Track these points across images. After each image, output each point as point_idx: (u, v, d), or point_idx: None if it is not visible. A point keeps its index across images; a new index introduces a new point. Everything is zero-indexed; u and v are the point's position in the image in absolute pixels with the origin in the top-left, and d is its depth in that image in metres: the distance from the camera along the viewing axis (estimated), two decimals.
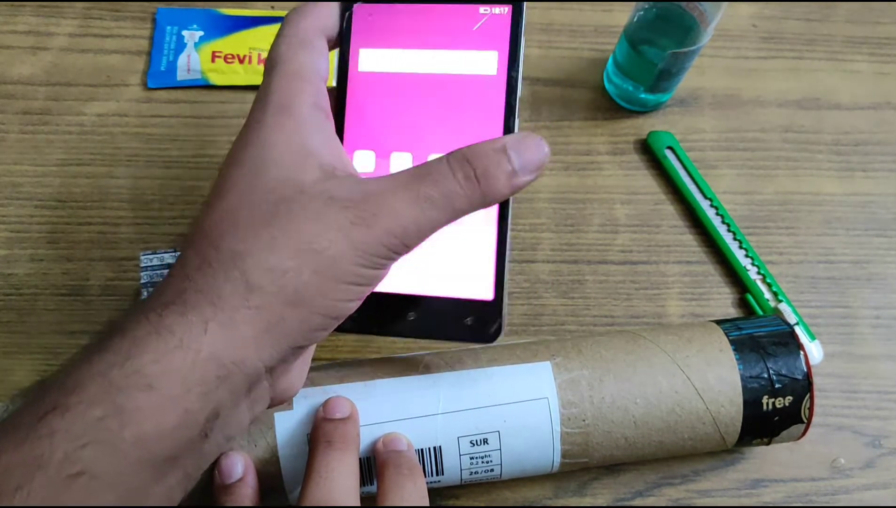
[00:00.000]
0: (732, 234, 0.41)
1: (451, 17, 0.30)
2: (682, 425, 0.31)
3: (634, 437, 0.31)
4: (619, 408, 0.31)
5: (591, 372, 0.31)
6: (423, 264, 0.30)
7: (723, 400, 0.31)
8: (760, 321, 0.34)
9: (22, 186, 0.40)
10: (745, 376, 0.32)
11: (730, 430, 0.32)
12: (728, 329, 0.33)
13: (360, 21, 0.30)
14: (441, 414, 0.30)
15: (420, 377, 0.31)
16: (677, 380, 0.31)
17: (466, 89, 0.30)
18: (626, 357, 0.32)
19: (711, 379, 0.31)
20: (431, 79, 0.30)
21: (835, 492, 0.37)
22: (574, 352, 0.32)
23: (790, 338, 0.33)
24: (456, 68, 0.30)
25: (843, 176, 0.43)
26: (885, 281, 0.41)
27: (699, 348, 0.32)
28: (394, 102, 0.30)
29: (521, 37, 0.29)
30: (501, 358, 0.32)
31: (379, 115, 0.30)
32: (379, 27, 0.30)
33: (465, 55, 0.30)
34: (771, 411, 0.32)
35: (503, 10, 0.30)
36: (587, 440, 0.31)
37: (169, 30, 0.43)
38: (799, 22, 0.47)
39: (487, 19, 0.30)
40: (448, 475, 0.31)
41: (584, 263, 0.40)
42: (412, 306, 0.30)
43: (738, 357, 0.32)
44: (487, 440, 0.31)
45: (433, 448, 0.30)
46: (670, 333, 0.33)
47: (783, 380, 0.32)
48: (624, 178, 0.42)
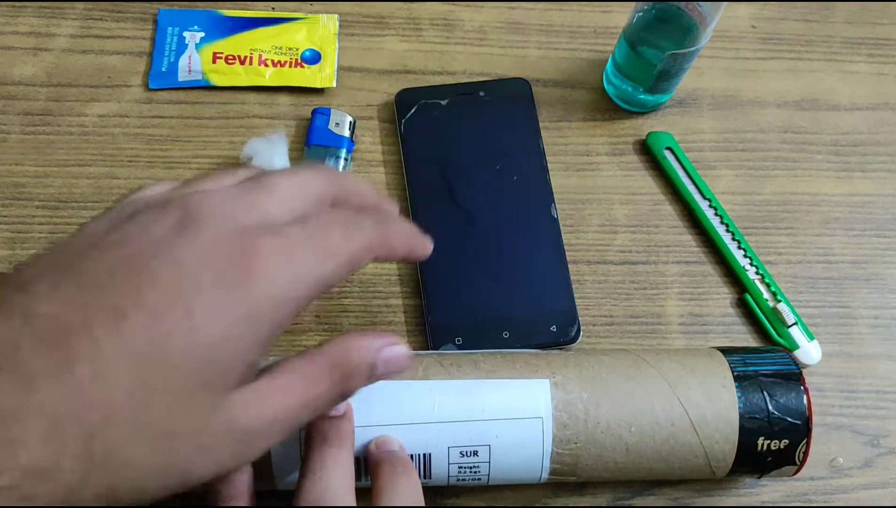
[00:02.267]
0: (731, 234, 0.41)
1: None
2: (673, 456, 0.31)
3: (625, 463, 0.31)
4: (613, 435, 0.31)
5: (589, 395, 0.31)
6: (508, 289, 0.38)
7: (718, 437, 0.31)
8: (769, 356, 0.33)
9: (23, 187, 0.40)
10: (744, 415, 0.31)
11: (721, 465, 0.32)
12: (734, 363, 0.32)
13: None
14: (435, 423, 0.30)
15: (417, 383, 0.31)
16: (675, 413, 0.31)
17: None
18: (626, 384, 0.31)
19: (709, 415, 0.31)
20: None
21: (833, 491, 0.37)
22: (574, 371, 0.32)
23: (796, 379, 0.32)
24: None
25: (842, 176, 0.43)
26: (884, 281, 0.41)
27: (701, 380, 0.32)
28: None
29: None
30: (501, 370, 0.32)
31: None
32: None
33: None
34: (765, 451, 0.31)
35: None
36: (577, 461, 0.31)
37: (170, 31, 0.44)
38: (798, 23, 0.47)
39: None
40: (434, 480, 0.31)
41: (583, 263, 0.40)
42: (505, 326, 0.37)
43: (739, 395, 0.31)
44: (477, 452, 0.31)
45: (423, 454, 0.30)
46: (674, 360, 0.33)
47: (782, 423, 0.31)
48: (623, 178, 0.43)
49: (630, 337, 0.39)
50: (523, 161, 0.41)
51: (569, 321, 0.38)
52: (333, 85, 0.43)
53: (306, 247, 0.23)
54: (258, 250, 0.22)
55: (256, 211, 0.24)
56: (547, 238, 0.40)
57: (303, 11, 0.45)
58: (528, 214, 0.40)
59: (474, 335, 0.37)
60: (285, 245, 0.23)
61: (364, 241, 0.25)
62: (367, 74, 0.44)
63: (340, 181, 0.27)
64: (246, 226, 0.23)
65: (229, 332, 0.22)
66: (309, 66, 0.43)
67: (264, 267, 0.22)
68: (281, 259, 0.23)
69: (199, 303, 0.21)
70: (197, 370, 0.21)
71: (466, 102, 0.42)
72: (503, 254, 0.39)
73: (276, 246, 0.23)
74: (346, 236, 0.24)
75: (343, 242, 0.24)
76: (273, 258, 0.22)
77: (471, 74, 0.44)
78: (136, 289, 0.21)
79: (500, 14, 0.46)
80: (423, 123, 0.42)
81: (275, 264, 0.22)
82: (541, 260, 0.39)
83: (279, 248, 0.23)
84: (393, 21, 0.45)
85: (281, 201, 0.24)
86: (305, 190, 0.25)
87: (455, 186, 0.40)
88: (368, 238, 0.25)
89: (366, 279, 0.39)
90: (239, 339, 0.22)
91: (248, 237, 0.23)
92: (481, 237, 0.39)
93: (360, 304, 0.39)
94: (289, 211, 0.24)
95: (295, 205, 0.25)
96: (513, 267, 0.39)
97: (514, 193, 0.40)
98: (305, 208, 0.25)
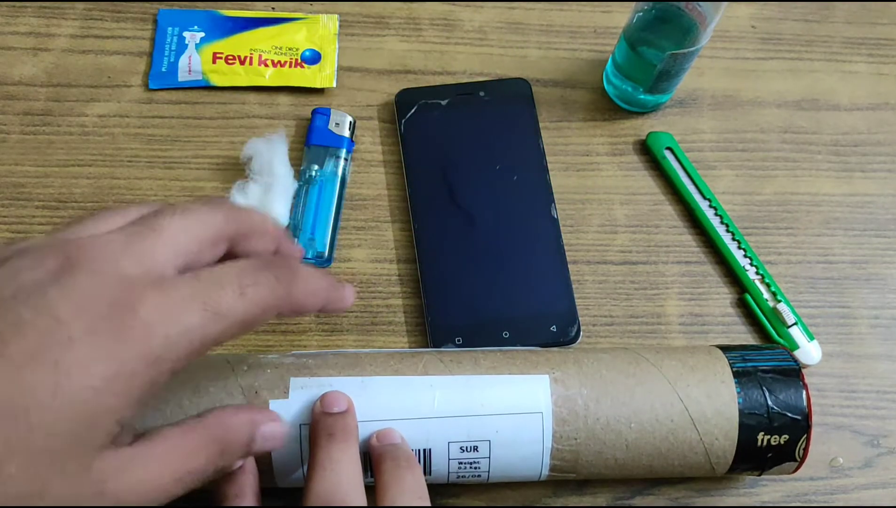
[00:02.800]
0: (731, 234, 0.41)
1: None
2: (673, 452, 0.31)
3: (624, 459, 0.31)
4: (613, 431, 0.31)
5: (589, 391, 0.31)
6: (508, 289, 0.38)
7: (717, 433, 0.31)
8: (768, 353, 0.33)
9: (23, 187, 0.40)
10: (743, 411, 0.31)
11: (721, 461, 0.32)
12: (733, 360, 0.33)
13: None
14: (435, 418, 0.30)
15: (417, 378, 0.31)
16: (675, 409, 0.31)
17: None
18: (626, 381, 0.31)
19: (709, 412, 0.31)
20: None
21: (833, 491, 0.37)
22: (574, 368, 0.32)
23: (795, 375, 0.32)
24: None
25: (842, 176, 0.43)
26: (884, 281, 0.41)
27: (701, 377, 0.32)
28: None
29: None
30: (501, 366, 0.32)
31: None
32: None
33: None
34: (765, 447, 0.31)
35: None
36: (577, 457, 0.31)
37: (170, 31, 0.44)
38: (797, 23, 0.47)
39: None
40: (434, 476, 0.31)
41: (583, 263, 0.40)
42: (505, 326, 0.37)
43: (739, 391, 0.31)
44: (478, 447, 0.31)
45: (423, 449, 0.30)
46: (674, 358, 0.33)
47: (782, 419, 0.31)
48: (623, 178, 0.43)
49: (630, 337, 0.39)
50: (523, 161, 0.41)
51: (569, 321, 0.38)
52: (333, 85, 0.43)
53: (193, 304, 0.22)
54: (137, 303, 0.21)
55: (142, 259, 0.22)
56: (547, 238, 0.40)
57: (303, 11, 0.45)
58: (528, 214, 0.40)
59: (474, 335, 0.37)
60: (169, 301, 0.22)
61: (261, 300, 0.23)
62: (366, 74, 0.44)
63: (240, 218, 0.25)
64: (129, 276, 0.22)
65: (98, 388, 0.20)
66: (309, 66, 0.43)
67: (141, 323, 0.21)
68: (162, 316, 0.21)
69: (68, 356, 0.20)
70: (62, 428, 0.20)
71: (466, 102, 0.42)
72: (503, 254, 0.39)
73: (158, 301, 0.21)
74: (241, 293, 0.23)
75: (236, 301, 0.23)
76: (153, 314, 0.21)
77: (471, 74, 0.44)
78: (0, 337, 0.20)
79: (500, 14, 0.46)
80: (423, 123, 0.42)
81: (154, 321, 0.21)
82: (541, 260, 0.39)
83: (161, 303, 0.21)
84: (393, 21, 0.45)
85: (171, 244, 0.23)
86: (199, 230, 0.24)
87: (455, 186, 0.40)
88: (266, 298, 0.24)
89: (366, 279, 0.39)
90: (109, 396, 0.21)
91: (129, 289, 0.21)
92: (481, 237, 0.39)
93: (361, 304, 0.39)
94: (181, 254, 0.23)
95: (188, 247, 0.23)
96: (513, 267, 0.39)
97: (514, 193, 0.40)
98: (199, 249, 0.24)
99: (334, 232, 0.39)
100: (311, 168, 0.40)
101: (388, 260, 0.40)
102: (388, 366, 0.31)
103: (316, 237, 0.39)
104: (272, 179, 0.38)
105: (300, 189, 0.40)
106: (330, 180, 0.40)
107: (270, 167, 0.38)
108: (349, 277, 0.39)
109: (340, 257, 0.40)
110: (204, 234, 0.24)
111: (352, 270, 0.39)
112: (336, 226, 0.40)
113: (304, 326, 0.38)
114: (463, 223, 0.40)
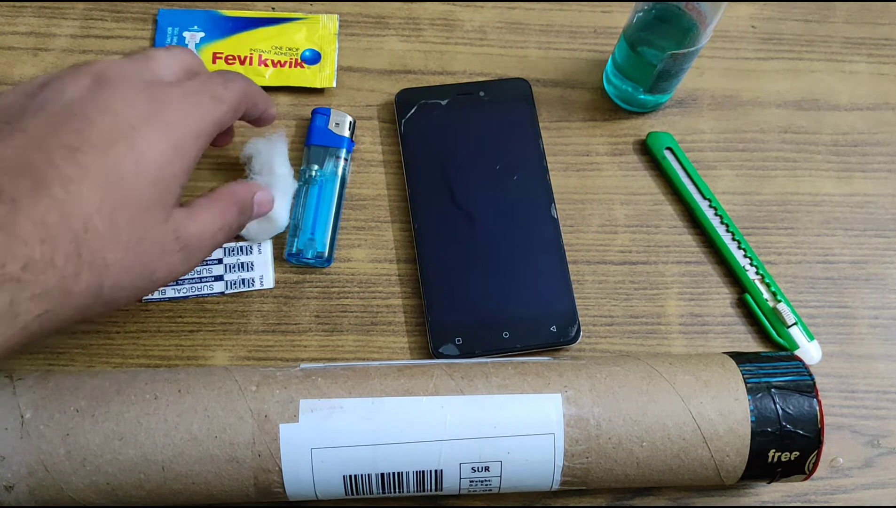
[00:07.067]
0: (731, 234, 0.41)
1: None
2: (683, 468, 0.31)
3: (635, 475, 0.31)
4: (625, 449, 0.31)
5: (601, 410, 0.31)
6: (509, 289, 0.38)
7: (729, 450, 0.31)
8: (783, 365, 0.33)
9: None
10: (756, 429, 0.31)
11: (730, 475, 0.32)
12: (747, 374, 0.32)
13: None
14: (447, 441, 0.30)
15: (428, 399, 0.31)
16: (687, 429, 0.31)
17: None
18: (639, 398, 0.31)
19: (721, 430, 0.31)
20: None
21: (833, 491, 0.37)
22: (587, 384, 0.32)
23: (809, 391, 0.32)
24: None
25: (842, 177, 0.43)
26: (884, 281, 0.41)
27: (715, 393, 0.31)
28: None
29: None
30: (512, 384, 0.32)
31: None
32: None
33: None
34: (775, 463, 0.31)
35: None
36: (587, 474, 0.31)
37: (170, 31, 0.44)
38: (797, 23, 0.47)
39: None
40: (445, 491, 0.32)
41: (583, 263, 0.40)
42: (505, 326, 0.37)
43: (752, 409, 0.31)
44: (489, 468, 0.31)
45: (435, 471, 0.30)
46: (687, 371, 0.32)
47: (794, 436, 0.31)
48: (623, 178, 0.43)
49: (630, 337, 0.39)
50: (523, 161, 0.41)
51: (569, 322, 0.38)
52: (333, 85, 0.43)
53: (203, 95, 0.30)
54: (169, 96, 0.28)
55: (152, 73, 0.29)
56: (547, 238, 0.40)
57: (303, 11, 0.45)
58: (528, 214, 0.40)
59: (474, 335, 0.37)
60: (187, 93, 0.29)
61: (240, 90, 0.32)
62: (366, 74, 0.44)
63: (199, 59, 0.33)
64: (151, 81, 0.29)
65: (165, 159, 0.27)
66: (309, 66, 0.43)
67: (178, 109, 0.28)
68: (189, 104, 0.29)
69: (137, 138, 0.27)
70: (147, 190, 0.27)
71: (466, 102, 0.42)
72: (503, 254, 0.39)
73: (182, 94, 0.29)
74: (226, 86, 0.31)
75: (225, 91, 0.31)
76: (184, 103, 0.29)
77: (471, 74, 0.44)
78: (79, 132, 0.26)
79: (500, 14, 0.46)
80: (423, 123, 0.42)
81: (186, 108, 0.28)
82: (541, 260, 0.39)
83: (184, 96, 0.29)
84: (393, 21, 0.45)
85: (165, 66, 0.30)
86: (179, 60, 0.31)
87: (455, 186, 0.40)
88: (241, 88, 0.32)
89: (366, 279, 0.39)
90: (173, 164, 0.28)
91: (157, 89, 0.28)
92: (481, 237, 0.39)
93: (360, 304, 0.39)
94: (172, 74, 0.30)
95: (175, 70, 0.31)
96: (513, 267, 0.39)
97: (514, 193, 0.40)
98: (182, 73, 0.31)
99: (334, 232, 0.39)
100: (311, 168, 0.40)
101: (388, 260, 0.40)
102: (398, 384, 0.31)
103: (316, 237, 0.39)
104: (272, 178, 0.38)
105: (300, 189, 0.40)
106: (330, 180, 0.40)
107: (270, 167, 0.38)
108: (349, 277, 0.39)
109: (340, 257, 0.40)
110: (182, 62, 0.31)
111: (352, 270, 0.39)
112: (336, 226, 0.40)
113: (304, 326, 0.38)
114: (463, 223, 0.40)
